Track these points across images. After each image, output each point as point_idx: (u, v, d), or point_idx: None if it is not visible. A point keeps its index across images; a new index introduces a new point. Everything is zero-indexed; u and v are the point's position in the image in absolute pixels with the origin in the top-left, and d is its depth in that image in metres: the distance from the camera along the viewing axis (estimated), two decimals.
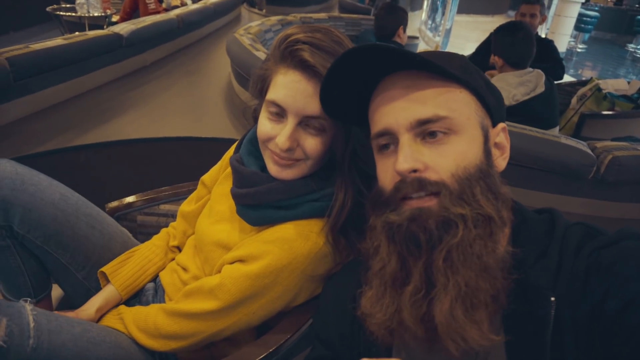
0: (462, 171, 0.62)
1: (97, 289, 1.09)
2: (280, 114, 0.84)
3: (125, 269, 1.08)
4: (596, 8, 10.76)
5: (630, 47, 9.76)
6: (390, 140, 0.67)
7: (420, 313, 0.61)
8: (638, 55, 9.25)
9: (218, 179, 1.12)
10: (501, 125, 0.71)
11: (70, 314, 0.99)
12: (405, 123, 0.64)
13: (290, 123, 0.83)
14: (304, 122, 0.84)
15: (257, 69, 0.91)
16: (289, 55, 0.82)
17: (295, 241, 0.86)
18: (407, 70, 0.66)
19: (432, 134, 0.63)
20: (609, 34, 10.96)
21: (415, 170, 0.62)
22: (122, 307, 1.01)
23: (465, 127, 0.64)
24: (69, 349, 0.81)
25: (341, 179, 0.88)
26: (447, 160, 0.62)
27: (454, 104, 0.64)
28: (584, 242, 0.61)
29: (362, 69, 0.67)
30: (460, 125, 0.64)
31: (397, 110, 0.65)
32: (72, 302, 1.14)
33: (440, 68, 0.63)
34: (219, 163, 1.17)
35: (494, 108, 0.70)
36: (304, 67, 0.80)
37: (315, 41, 0.81)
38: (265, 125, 0.86)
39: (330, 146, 0.87)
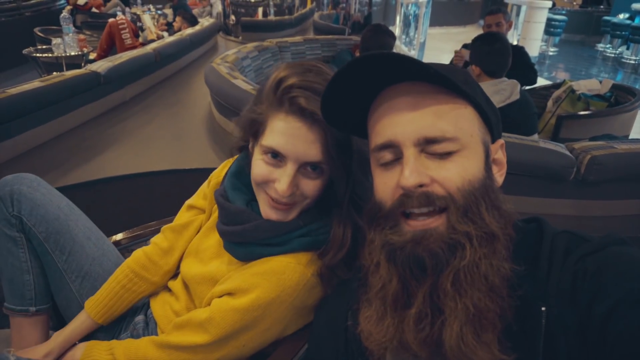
0: (467, 185, 0.61)
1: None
2: (278, 158, 0.83)
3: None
4: (563, 12, 11.07)
5: (600, 46, 10.02)
6: (392, 152, 0.65)
7: (424, 336, 0.60)
8: (608, 54, 9.49)
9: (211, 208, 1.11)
10: (500, 141, 0.71)
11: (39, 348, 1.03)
12: (412, 137, 0.62)
13: (290, 169, 0.81)
14: (303, 166, 0.83)
15: (248, 112, 0.88)
16: (287, 101, 0.80)
17: (283, 273, 0.86)
18: (412, 82, 0.64)
19: (437, 151, 0.62)
20: (578, 36, 11.26)
21: (421, 185, 0.61)
22: (114, 342, 1.00)
23: (469, 144, 0.64)
24: None
25: (339, 217, 0.86)
26: (452, 174, 0.61)
27: (460, 121, 0.63)
28: (570, 250, 0.61)
29: (367, 78, 0.65)
30: (465, 144, 0.63)
31: (403, 123, 0.63)
32: (65, 319, 1.17)
33: (453, 83, 0.61)
34: (202, 189, 1.16)
35: (494, 124, 0.69)
36: (304, 114, 0.79)
37: (309, 84, 0.79)
38: (261, 167, 0.84)
39: (327, 185, 0.87)
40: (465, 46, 3.42)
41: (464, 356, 0.57)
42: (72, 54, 4.82)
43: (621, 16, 9.61)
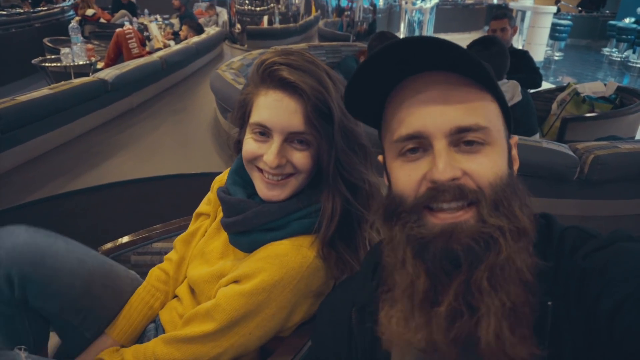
0: (499, 180, 0.60)
1: (94, 335, 1.09)
2: (265, 134, 0.87)
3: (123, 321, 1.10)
4: (569, 17, 11.06)
5: (606, 51, 9.99)
6: (419, 144, 0.62)
7: (454, 334, 0.58)
8: (614, 58, 9.46)
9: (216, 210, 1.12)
10: (515, 138, 0.70)
11: None
12: (445, 128, 0.60)
13: (276, 141, 0.86)
14: (289, 139, 0.87)
15: (238, 97, 0.94)
16: (268, 76, 0.86)
17: (286, 256, 0.88)
18: (438, 72, 0.62)
19: (469, 143, 0.60)
20: (584, 40, 11.22)
21: (454, 179, 0.59)
22: (123, 349, 1.01)
23: (497, 139, 0.62)
24: None
25: (327, 189, 0.90)
26: (484, 169, 0.60)
27: (490, 114, 0.63)
28: (577, 246, 0.61)
29: (395, 64, 0.62)
30: (494, 137, 0.62)
31: (435, 114, 0.60)
32: (67, 351, 1.13)
33: (490, 78, 0.60)
34: (207, 196, 1.18)
35: (509, 121, 0.68)
36: (284, 85, 0.84)
37: (290, 61, 0.86)
38: (251, 144, 0.89)
39: (317, 159, 0.89)
40: None
41: (501, 352, 0.55)
42: (81, 63, 4.90)
43: (627, 20, 9.57)
